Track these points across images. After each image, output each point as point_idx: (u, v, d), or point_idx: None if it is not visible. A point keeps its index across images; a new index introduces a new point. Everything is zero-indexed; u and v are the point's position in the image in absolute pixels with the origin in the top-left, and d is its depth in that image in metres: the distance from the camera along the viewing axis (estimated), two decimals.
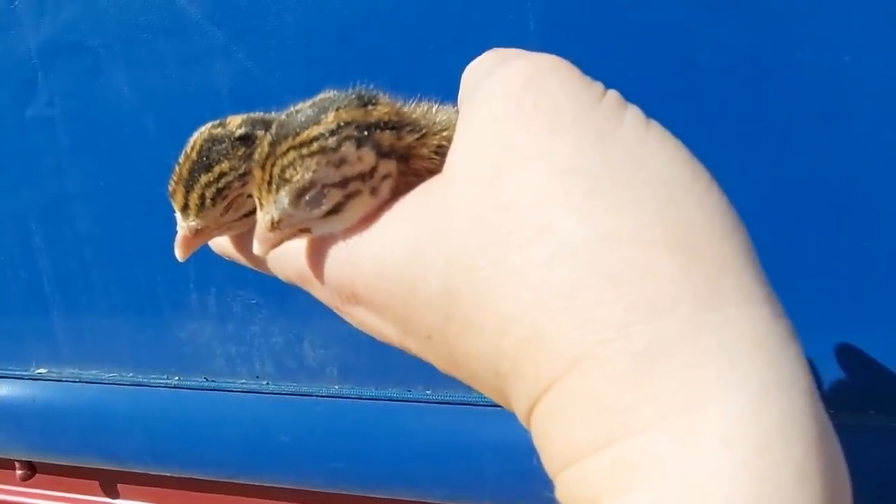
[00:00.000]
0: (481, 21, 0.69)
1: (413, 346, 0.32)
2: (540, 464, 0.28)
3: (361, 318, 0.34)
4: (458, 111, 0.33)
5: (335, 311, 0.35)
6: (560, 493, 0.27)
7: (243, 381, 0.91)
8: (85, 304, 0.95)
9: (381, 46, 0.72)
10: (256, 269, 0.40)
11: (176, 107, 0.81)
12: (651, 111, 0.29)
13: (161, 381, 0.94)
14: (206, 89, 0.79)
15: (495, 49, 0.33)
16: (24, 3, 0.82)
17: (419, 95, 0.37)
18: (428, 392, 0.82)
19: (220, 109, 0.78)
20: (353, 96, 0.33)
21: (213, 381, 0.92)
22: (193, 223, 0.38)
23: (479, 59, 0.33)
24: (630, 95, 0.30)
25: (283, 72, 0.76)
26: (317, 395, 0.87)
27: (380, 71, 0.73)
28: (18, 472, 1.10)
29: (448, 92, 0.36)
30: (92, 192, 0.88)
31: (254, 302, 0.87)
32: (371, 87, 0.35)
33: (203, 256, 0.44)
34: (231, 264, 0.45)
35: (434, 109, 0.37)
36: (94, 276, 0.93)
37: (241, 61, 0.77)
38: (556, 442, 0.26)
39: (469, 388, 0.32)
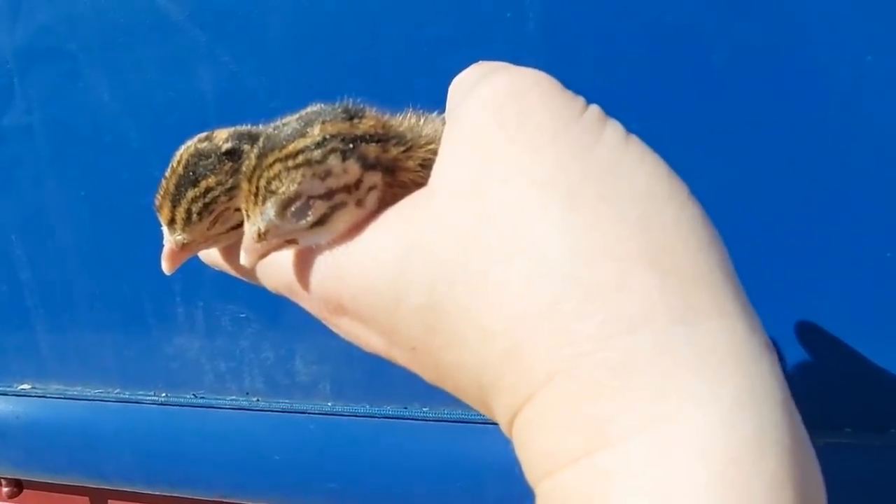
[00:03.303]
0: (477, 21, 0.65)
1: (399, 356, 0.33)
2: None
3: (348, 328, 0.35)
4: (444, 122, 0.34)
5: (323, 321, 0.36)
6: (540, 502, 0.27)
7: (233, 397, 0.88)
8: (69, 318, 0.92)
9: (372, 46, 0.69)
10: (246, 279, 0.41)
11: (159, 112, 0.78)
12: (659, 113, 0.27)
13: (148, 397, 0.92)
14: (190, 94, 0.76)
15: (481, 62, 0.34)
16: None
17: (412, 95, 0.38)
18: (425, 409, 0.79)
19: (204, 114, 0.75)
20: (340, 109, 0.34)
21: (201, 397, 0.90)
22: (180, 237, 0.39)
23: (464, 72, 0.34)
24: (632, 97, 0.28)
25: (269, 75, 0.73)
26: (310, 413, 0.85)
27: (371, 72, 0.70)
28: (5, 489, 1.07)
29: (442, 93, 0.35)
30: (73, 202, 0.86)
31: (243, 316, 0.84)
32: (358, 100, 0.35)
33: (190, 269, 0.43)
34: (219, 277, 0.44)
35: (421, 122, 0.37)
36: (78, 289, 0.90)
37: (225, 64, 0.74)
38: (535, 452, 0.27)
39: (468, 406, 0.32)
